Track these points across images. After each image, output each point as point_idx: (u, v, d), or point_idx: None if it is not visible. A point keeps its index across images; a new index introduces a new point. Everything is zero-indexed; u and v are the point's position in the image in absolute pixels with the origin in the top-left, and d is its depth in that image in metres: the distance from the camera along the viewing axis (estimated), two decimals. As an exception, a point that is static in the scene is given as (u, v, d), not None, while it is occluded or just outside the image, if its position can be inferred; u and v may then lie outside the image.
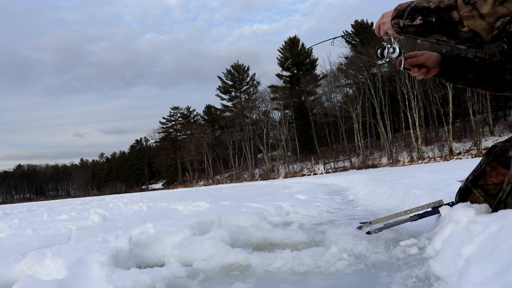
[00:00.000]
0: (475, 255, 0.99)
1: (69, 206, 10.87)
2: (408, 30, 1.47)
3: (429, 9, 1.36)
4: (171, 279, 1.60)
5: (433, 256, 1.35)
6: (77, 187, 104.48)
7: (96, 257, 1.59)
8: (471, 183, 1.81)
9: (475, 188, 1.78)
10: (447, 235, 1.28)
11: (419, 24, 1.41)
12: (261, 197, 6.38)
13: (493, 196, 1.69)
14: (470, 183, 1.81)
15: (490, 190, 1.72)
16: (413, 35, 1.49)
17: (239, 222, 3.10)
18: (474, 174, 1.83)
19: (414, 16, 1.42)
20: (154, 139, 79.23)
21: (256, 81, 59.57)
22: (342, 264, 1.63)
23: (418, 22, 1.41)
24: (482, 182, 1.76)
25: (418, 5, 1.42)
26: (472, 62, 1.77)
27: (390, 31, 1.58)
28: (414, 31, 1.46)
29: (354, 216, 3.58)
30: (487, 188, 1.74)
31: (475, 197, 1.76)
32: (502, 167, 1.72)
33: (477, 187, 1.77)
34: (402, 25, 1.49)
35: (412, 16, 1.43)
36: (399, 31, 1.53)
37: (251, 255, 1.86)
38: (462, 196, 1.84)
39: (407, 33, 1.50)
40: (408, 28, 1.47)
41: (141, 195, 18.99)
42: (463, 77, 1.78)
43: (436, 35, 1.38)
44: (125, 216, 4.50)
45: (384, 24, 1.60)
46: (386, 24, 1.59)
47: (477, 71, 1.76)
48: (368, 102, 39.03)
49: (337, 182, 13.65)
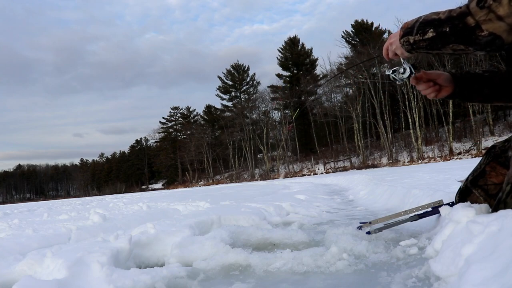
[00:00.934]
0: (475, 255, 0.99)
1: (69, 206, 10.87)
2: (420, 45, 1.43)
3: (440, 20, 1.33)
4: (171, 279, 1.60)
5: (433, 256, 1.35)
6: (77, 187, 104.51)
7: (96, 257, 1.59)
8: (471, 183, 1.80)
9: (475, 188, 1.77)
10: (447, 235, 1.28)
11: (431, 37, 1.37)
12: (261, 197, 6.38)
13: (493, 196, 1.69)
14: (470, 183, 1.81)
15: (490, 190, 1.72)
16: (426, 50, 1.45)
17: (239, 222, 3.10)
18: (474, 174, 1.82)
19: (425, 29, 1.38)
20: (154, 139, 79.32)
21: (256, 81, 59.63)
22: (342, 264, 1.63)
23: (431, 35, 1.37)
24: (482, 182, 1.76)
25: (427, 19, 1.39)
26: (484, 76, 1.74)
27: (399, 51, 1.54)
28: (426, 45, 1.41)
29: (354, 216, 3.58)
30: (487, 188, 1.73)
31: (475, 197, 1.75)
32: (502, 167, 1.71)
33: (477, 187, 1.77)
34: (412, 41, 1.45)
35: (423, 30, 1.39)
36: (410, 49, 1.49)
37: (251, 255, 1.86)
38: (462, 196, 1.84)
39: (419, 48, 1.45)
40: (419, 43, 1.43)
41: (141, 195, 18.99)
42: (478, 93, 1.76)
43: (452, 44, 1.34)
44: (125, 216, 4.50)
45: (392, 45, 1.57)
46: (394, 44, 1.55)
47: (491, 85, 1.73)
48: (368, 102, 39.03)
49: (337, 182, 13.65)
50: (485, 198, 1.71)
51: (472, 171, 1.85)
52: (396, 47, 1.55)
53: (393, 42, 1.56)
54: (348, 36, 47.80)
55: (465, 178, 1.89)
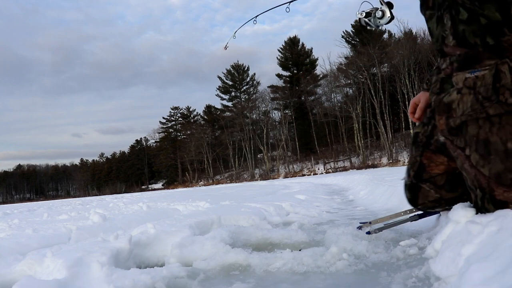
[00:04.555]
0: (475, 255, 0.99)
1: (69, 206, 10.87)
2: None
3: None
4: (171, 279, 1.60)
5: (433, 256, 1.35)
6: (77, 187, 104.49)
7: (96, 257, 1.59)
8: (416, 178, 1.74)
9: (422, 182, 1.71)
10: (446, 235, 1.28)
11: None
12: (261, 197, 6.38)
13: (442, 186, 1.65)
14: (415, 178, 1.74)
15: (438, 182, 1.66)
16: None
17: (239, 222, 3.10)
18: (414, 168, 1.74)
19: None
20: (154, 139, 79.28)
21: (256, 81, 59.61)
22: (342, 264, 1.63)
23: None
24: (426, 176, 1.69)
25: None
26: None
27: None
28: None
29: (354, 216, 3.58)
30: (434, 181, 1.67)
31: (425, 191, 1.70)
32: (438, 154, 1.62)
33: (423, 181, 1.70)
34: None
35: None
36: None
37: (251, 255, 1.86)
38: (412, 192, 1.77)
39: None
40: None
41: (141, 195, 18.99)
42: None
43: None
44: (125, 216, 4.50)
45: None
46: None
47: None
48: (368, 102, 39.03)
49: (337, 182, 13.65)
50: (436, 191, 1.67)
51: (409, 165, 1.78)
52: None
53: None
54: (348, 36, 47.79)
55: (406, 174, 1.82)
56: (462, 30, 1.28)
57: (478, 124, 1.27)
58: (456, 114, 1.33)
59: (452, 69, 1.35)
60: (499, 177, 1.23)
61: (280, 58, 55.84)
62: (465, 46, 1.28)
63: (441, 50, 1.39)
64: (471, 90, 1.27)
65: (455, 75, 1.33)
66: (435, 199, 1.68)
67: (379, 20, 1.34)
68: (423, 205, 1.73)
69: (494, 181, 1.24)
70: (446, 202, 1.67)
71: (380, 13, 1.34)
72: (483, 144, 1.26)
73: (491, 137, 1.24)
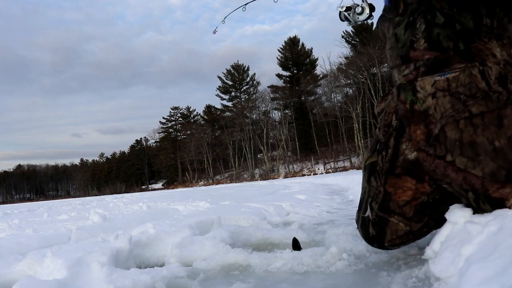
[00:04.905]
0: (475, 256, 0.99)
1: (69, 206, 10.87)
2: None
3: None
4: (171, 279, 1.61)
5: (432, 257, 1.35)
6: (77, 187, 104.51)
7: (96, 257, 1.60)
8: (382, 211, 1.54)
9: (390, 215, 1.52)
10: (445, 236, 1.28)
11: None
12: (261, 197, 6.38)
13: (411, 218, 1.49)
14: (380, 211, 1.54)
15: (407, 213, 1.49)
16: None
17: (239, 222, 3.10)
18: (377, 200, 1.55)
19: None
20: (154, 139, 79.30)
21: (256, 81, 59.63)
22: (342, 264, 1.63)
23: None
24: (393, 206, 1.51)
25: None
26: None
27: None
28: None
29: (354, 216, 3.57)
30: (403, 212, 1.49)
31: (394, 224, 1.51)
32: (405, 177, 1.49)
33: (391, 213, 1.52)
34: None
35: None
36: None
37: (251, 255, 1.86)
38: (378, 228, 1.55)
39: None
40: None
41: (141, 195, 19.00)
42: None
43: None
44: (125, 216, 4.50)
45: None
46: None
47: None
48: (368, 102, 39.02)
49: (337, 182, 13.65)
50: (405, 223, 1.50)
51: (369, 198, 1.60)
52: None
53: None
54: (348, 36, 47.80)
55: (364, 208, 1.62)
56: (436, 33, 1.31)
57: (458, 128, 1.27)
58: (436, 118, 1.31)
59: (417, 74, 1.34)
60: (494, 175, 1.23)
61: (280, 58, 55.87)
62: (436, 49, 1.31)
63: (405, 56, 1.39)
64: (446, 92, 1.28)
65: (420, 79, 1.33)
66: (405, 233, 1.51)
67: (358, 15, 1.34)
68: (391, 242, 1.54)
69: (489, 180, 1.24)
70: (413, 236, 1.54)
71: (360, 9, 1.35)
72: (469, 147, 1.26)
73: (477, 138, 1.24)
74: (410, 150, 1.47)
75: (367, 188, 1.62)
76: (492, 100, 1.23)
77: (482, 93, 1.24)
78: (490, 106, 1.23)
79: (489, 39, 1.28)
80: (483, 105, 1.24)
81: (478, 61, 1.26)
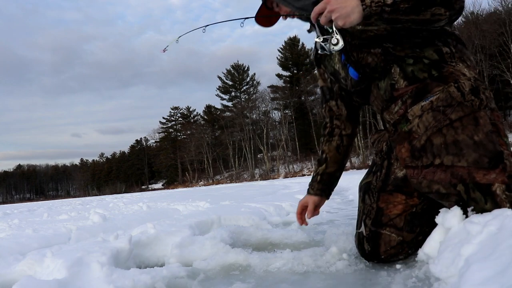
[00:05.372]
0: (475, 256, 0.99)
1: (69, 206, 10.87)
2: (400, 7, 1.28)
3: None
4: (171, 279, 1.60)
5: (425, 259, 1.36)
6: (77, 187, 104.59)
7: (96, 257, 1.59)
8: (374, 225, 1.64)
9: (382, 228, 1.62)
10: (445, 236, 1.28)
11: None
12: (261, 197, 6.39)
13: (402, 228, 1.59)
14: (373, 226, 1.64)
15: (398, 224, 1.60)
16: (400, 15, 1.30)
17: (239, 222, 3.10)
18: (370, 216, 1.66)
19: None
20: (154, 139, 79.36)
21: (256, 81, 59.67)
22: (342, 264, 1.63)
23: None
24: (385, 219, 1.62)
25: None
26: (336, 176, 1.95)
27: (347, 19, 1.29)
28: (407, 7, 1.28)
29: (354, 216, 3.58)
30: (394, 223, 1.61)
31: (387, 236, 1.61)
32: (396, 193, 1.62)
33: (383, 226, 1.62)
34: (391, 2, 1.28)
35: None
36: (376, 13, 1.29)
37: (251, 255, 1.86)
38: (372, 242, 1.64)
39: (392, 13, 1.29)
40: (400, 5, 1.28)
41: (141, 195, 19.00)
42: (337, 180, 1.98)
43: (434, 8, 1.30)
44: (125, 216, 4.50)
45: (335, 12, 1.29)
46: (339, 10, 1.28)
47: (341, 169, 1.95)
48: (368, 102, 39.03)
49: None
50: (397, 234, 1.60)
51: (363, 216, 1.71)
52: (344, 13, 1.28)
53: (336, 8, 1.29)
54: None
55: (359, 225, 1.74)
56: (411, 71, 1.47)
57: (442, 133, 1.39)
58: (419, 134, 1.45)
59: (406, 107, 1.49)
60: (477, 162, 1.32)
61: (280, 58, 55.92)
62: (415, 82, 1.47)
63: (390, 98, 1.53)
64: (429, 110, 1.43)
65: (410, 110, 1.47)
66: (398, 243, 1.59)
67: (334, 46, 1.39)
68: (386, 253, 1.61)
69: (474, 167, 1.33)
70: (408, 246, 1.60)
71: (335, 40, 1.39)
72: (453, 145, 1.37)
73: (459, 137, 1.37)
74: (400, 169, 1.62)
75: (362, 207, 1.75)
76: (467, 106, 1.38)
77: (456, 102, 1.39)
78: (466, 111, 1.38)
79: (456, 62, 1.46)
80: (460, 111, 1.38)
81: (452, 81, 1.42)
